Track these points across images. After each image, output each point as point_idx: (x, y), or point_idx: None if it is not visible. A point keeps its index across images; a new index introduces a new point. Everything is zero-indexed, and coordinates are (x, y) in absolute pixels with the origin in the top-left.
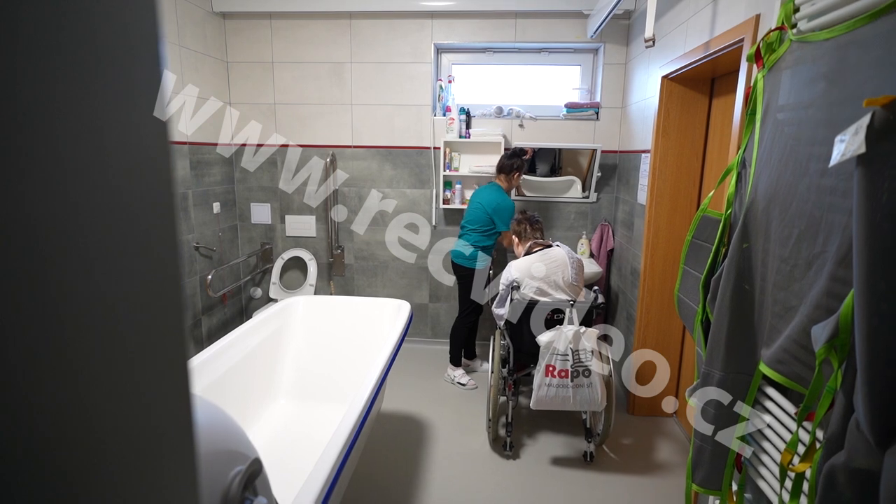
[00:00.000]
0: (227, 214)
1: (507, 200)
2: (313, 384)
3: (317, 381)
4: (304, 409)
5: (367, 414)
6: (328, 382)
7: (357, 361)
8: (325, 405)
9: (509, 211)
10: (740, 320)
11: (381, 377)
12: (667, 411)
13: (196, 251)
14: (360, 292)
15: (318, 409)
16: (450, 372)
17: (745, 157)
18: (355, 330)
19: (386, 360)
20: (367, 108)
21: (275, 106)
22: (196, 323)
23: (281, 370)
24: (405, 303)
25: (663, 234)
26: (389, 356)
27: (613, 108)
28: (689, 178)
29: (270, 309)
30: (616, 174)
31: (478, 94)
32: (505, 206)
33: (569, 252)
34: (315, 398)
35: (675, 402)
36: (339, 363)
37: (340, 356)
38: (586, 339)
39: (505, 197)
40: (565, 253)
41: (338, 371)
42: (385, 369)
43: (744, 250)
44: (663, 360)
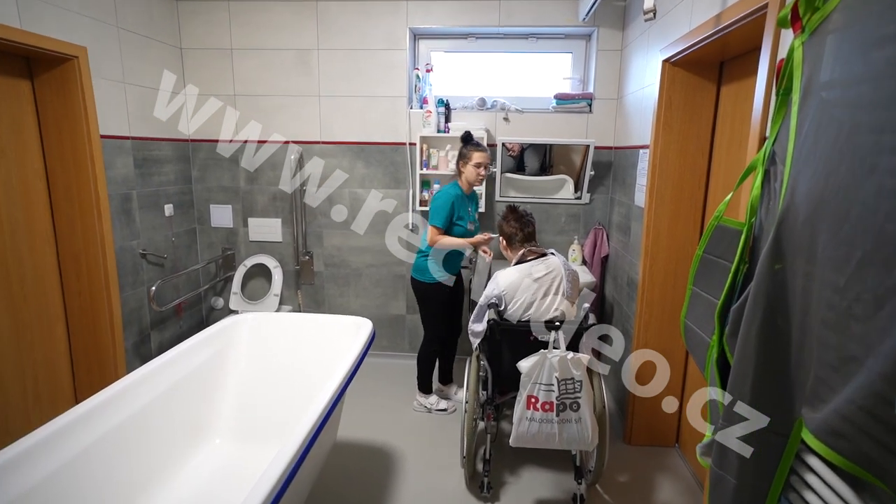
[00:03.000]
0: (184, 217)
1: (444, 191)
2: (257, 420)
3: (261, 415)
4: (245, 450)
5: (303, 456)
6: (275, 417)
7: (310, 391)
8: (269, 445)
9: (439, 200)
10: (771, 365)
11: (325, 411)
12: (668, 415)
13: (143, 259)
14: (331, 302)
15: (261, 450)
16: (420, 400)
17: (774, 150)
18: (309, 353)
19: (333, 391)
20: (337, 101)
21: (235, 98)
22: (143, 339)
23: (218, 403)
24: (365, 321)
25: (663, 241)
26: (339, 386)
27: (608, 99)
28: (693, 178)
29: (209, 329)
30: (611, 173)
31: (458, 84)
32: (437, 196)
33: (564, 263)
34: (258, 437)
35: (675, 401)
36: (289, 394)
37: (291, 385)
38: (574, 366)
39: (445, 189)
40: (561, 263)
41: (287, 403)
42: (332, 401)
43: (776, 273)
44: (664, 360)
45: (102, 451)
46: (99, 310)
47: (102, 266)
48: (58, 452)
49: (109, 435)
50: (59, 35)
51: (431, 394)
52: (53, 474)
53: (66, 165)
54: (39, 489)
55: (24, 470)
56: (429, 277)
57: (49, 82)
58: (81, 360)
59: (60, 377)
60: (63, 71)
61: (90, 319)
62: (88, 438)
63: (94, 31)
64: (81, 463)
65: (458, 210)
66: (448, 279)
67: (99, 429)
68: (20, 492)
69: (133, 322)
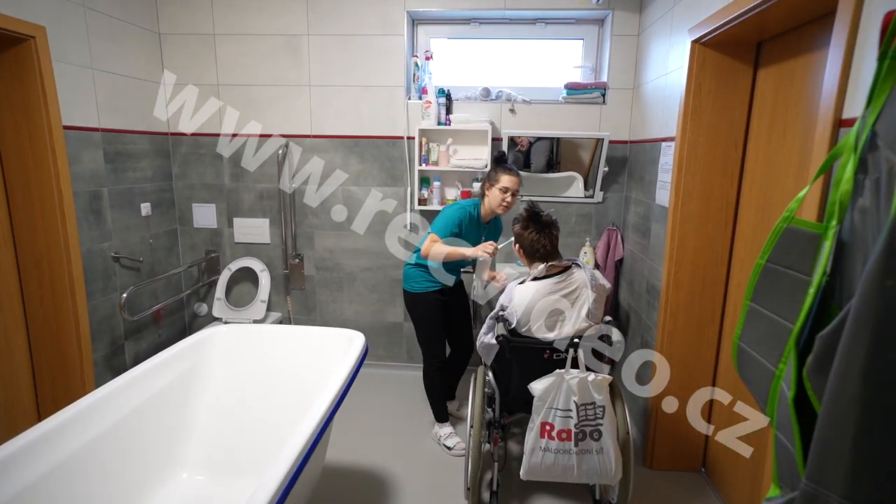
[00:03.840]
0: (163, 217)
1: (459, 205)
2: (232, 450)
3: (237, 444)
4: (217, 486)
5: (285, 493)
6: (253, 446)
7: (294, 415)
8: (245, 480)
9: (448, 212)
10: (888, 417)
11: (310, 441)
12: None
13: (115, 262)
14: (322, 309)
15: (236, 486)
16: (436, 429)
17: (876, 131)
18: (294, 371)
19: (320, 417)
20: (329, 91)
21: (218, 87)
22: (116, 350)
23: (187, 430)
24: (357, 334)
25: (690, 244)
26: (326, 410)
27: (623, 89)
28: (724, 173)
29: (179, 345)
30: (626, 169)
31: (461, 74)
32: (449, 207)
33: (592, 277)
34: (232, 470)
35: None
36: (270, 418)
37: (272, 408)
38: (596, 389)
39: (462, 203)
40: (588, 279)
41: (267, 430)
42: (319, 428)
43: (889, 291)
44: (689, 376)
45: (47, 490)
46: (64, 319)
47: (67, 271)
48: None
49: (55, 473)
50: (11, 12)
51: (446, 422)
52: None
53: (24, 159)
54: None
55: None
56: (420, 286)
57: (1, 65)
58: (45, 375)
59: (20, 393)
60: (18, 53)
61: (54, 329)
62: (30, 476)
63: (54, 9)
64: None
65: (464, 233)
66: (445, 278)
67: (40, 466)
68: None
69: (104, 332)
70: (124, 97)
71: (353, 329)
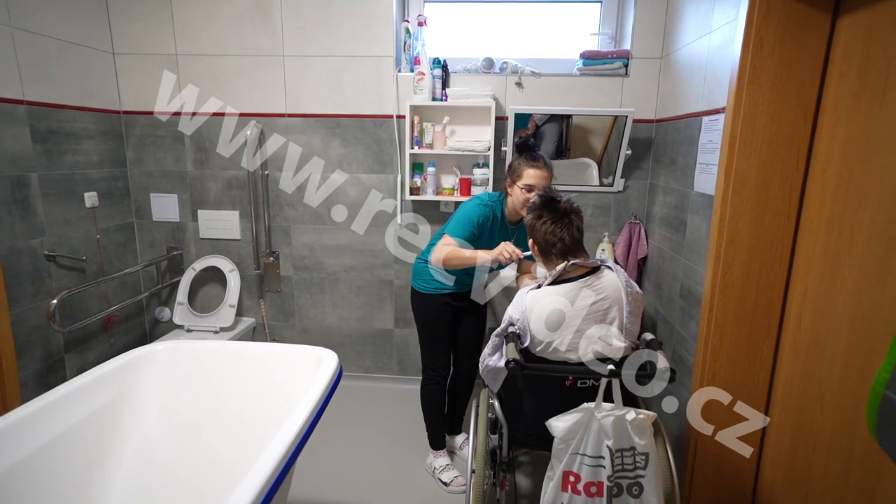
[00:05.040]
0: (115, 209)
1: (480, 199)
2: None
3: (172, 496)
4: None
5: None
6: (191, 499)
7: (246, 456)
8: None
9: (466, 209)
10: None
11: (264, 491)
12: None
13: (50, 262)
14: (302, 314)
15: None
16: (430, 459)
17: None
18: (248, 400)
19: (276, 461)
20: (306, 62)
21: (177, 57)
22: (53, 365)
23: (107, 478)
24: (330, 354)
25: (743, 240)
26: (285, 453)
27: (650, 58)
28: (789, 152)
29: (101, 368)
30: (651, 152)
31: (459, 43)
32: (467, 204)
33: (626, 281)
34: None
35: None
36: (215, 462)
37: (219, 449)
38: (638, 432)
39: (482, 198)
40: (622, 283)
41: (210, 478)
42: (277, 474)
43: None
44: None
45: None
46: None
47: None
48: None
49: None
50: None
51: (443, 450)
52: None
53: None
54: None
55: None
56: (430, 285)
57: None
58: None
59: None
60: None
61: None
62: None
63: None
64: None
65: (486, 236)
66: (448, 276)
67: None
68: None
69: (34, 344)
70: (59, 66)
71: (337, 336)
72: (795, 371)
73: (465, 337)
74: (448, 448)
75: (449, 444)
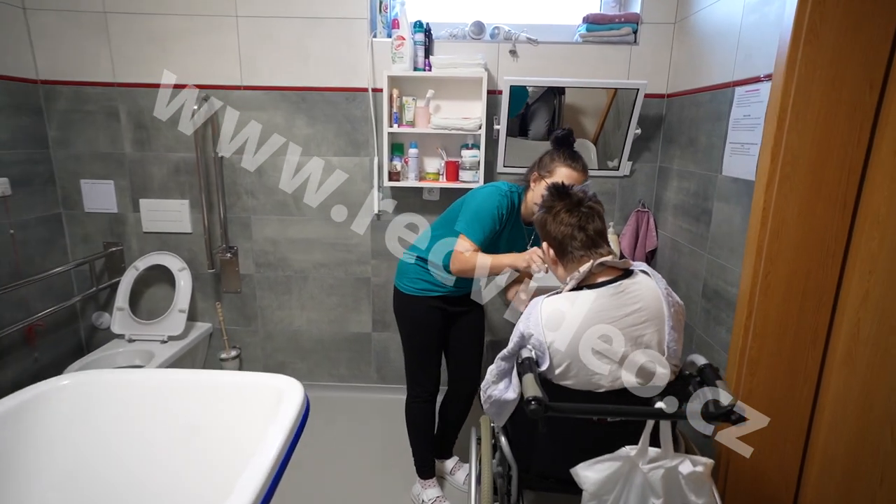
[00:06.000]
0: (36, 198)
1: (497, 189)
2: None
3: None
4: None
5: None
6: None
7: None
8: None
9: (483, 202)
10: None
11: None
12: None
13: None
14: (266, 317)
15: None
16: (417, 489)
17: None
18: (187, 456)
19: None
20: (264, 24)
21: (105, 16)
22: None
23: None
24: (293, 384)
25: (791, 234)
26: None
27: (662, 23)
28: (850, 128)
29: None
30: (661, 131)
31: (444, 5)
32: (480, 193)
33: (666, 289)
34: None
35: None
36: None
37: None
38: (694, 486)
39: (499, 187)
40: (661, 291)
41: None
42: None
43: None
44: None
45: None
46: None
47: None
48: None
49: None
50: None
51: (432, 479)
52: None
53: None
54: None
55: None
56: (417, 286)
57: None
58: None
59: None
60: None
61: None
62: None
63: None
64: None
65: (505, 232)
66: (448, 279)
67: None
68: None
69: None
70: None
71: (307, 341)
72: (852, 387)
73: (461, 349)
74: (437, 473)
75: (438, 468)
